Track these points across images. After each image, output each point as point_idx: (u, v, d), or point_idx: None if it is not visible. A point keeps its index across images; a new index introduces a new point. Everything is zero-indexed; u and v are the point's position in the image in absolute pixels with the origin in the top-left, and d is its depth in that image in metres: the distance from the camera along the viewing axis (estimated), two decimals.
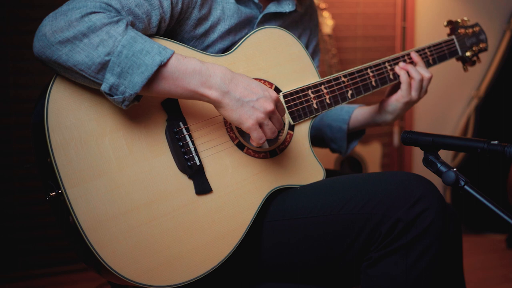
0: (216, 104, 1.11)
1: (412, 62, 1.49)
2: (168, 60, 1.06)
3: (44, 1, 2.40)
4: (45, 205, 1.12)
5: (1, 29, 2.40)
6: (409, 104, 1.47)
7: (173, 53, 1.07)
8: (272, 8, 1.36)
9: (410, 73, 1.45)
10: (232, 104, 1.10)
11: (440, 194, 1.18)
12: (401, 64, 1.46)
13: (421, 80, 1.45)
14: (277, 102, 1.15)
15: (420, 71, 1.45)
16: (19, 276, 2.48)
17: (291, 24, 1.45)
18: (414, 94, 1.45)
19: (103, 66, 1.03)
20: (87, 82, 1.06)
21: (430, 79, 1.46)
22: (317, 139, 1.65)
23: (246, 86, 1.12)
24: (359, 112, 1.57)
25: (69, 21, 1.02)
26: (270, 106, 1.13)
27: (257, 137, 1.14)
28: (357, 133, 1.62)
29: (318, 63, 1.63)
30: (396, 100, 1.47)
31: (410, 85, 1.45)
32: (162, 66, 1.05)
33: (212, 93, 1.09)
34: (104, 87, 1.04)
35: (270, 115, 1.14)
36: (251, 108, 1.11)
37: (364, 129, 1.61)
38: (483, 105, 3.20)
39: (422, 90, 1.46)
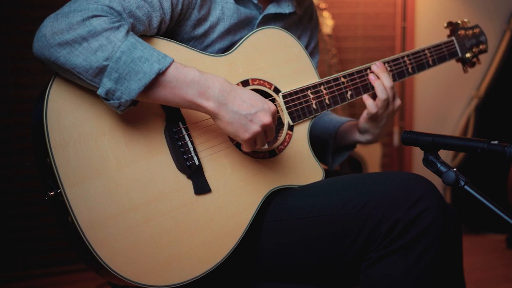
0: (213, 116, 1.11)
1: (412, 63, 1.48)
2: (166, 68, 1.06)
3: (44, 1, 2.40)
4: (45, 205, 1.12)
5: (1, 29, 2.40)
6: (377, 121, 1.41)
7: (172, 61, 1.07)
8: (272, 9, 1.36)
9: (376, 90, 1.38)
10: (228, 117, 1.10)
11: (440, 194, 1.18)
12: (371, 77, 1.39)
13: (387, 99, 1.38)
14: (274, 114, 1.15)
15: (385, 84, 1.38)
16: (19, 276, 2.48)
17: (291, 25, 1.45)
18: (379, 111, 1.38)
19: (101, 71, 1.03)
20: (85, 84, 1.06)
21: (392, 87, 1.39)
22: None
23: (245, 98, 1.11)
24: (345, 129, 1.51)
25: (70, 24, 1.02)
26: (267, 119, 1.12)
27: (248, 148, 1.16)
28: (345, 147, 1.56)
29: (317, 65, 1.63)
30: (364, 119, 1.42)
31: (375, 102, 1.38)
32: (160, 74, 1.05)
33: (209, 105, 1.09)
34: (101, 91, 1.04)
35: (266, 128, 1.14)
36: (248, 121, 1.11)
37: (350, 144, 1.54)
38: (483, 105, 3.20)
39: (389, 107, 1.39)
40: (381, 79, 1.39)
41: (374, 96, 1.42)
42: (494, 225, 3.07)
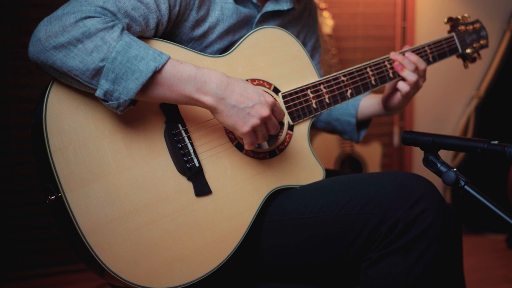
0: (212, 110, 1.11)
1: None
2: (163, 66, 1.05)
3: (44, 1, 2.40)
4: (45, 205, 1.12)
5: (1, 29, 2.40)
6: (407, 97, 1.50)
7: (168, 58, 1.07)
8: (270, 6, 1.36)
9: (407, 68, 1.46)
10: (227, 110, 1.10)
11: (440, 194, 1.18)
12: (399, 63, 1.46)
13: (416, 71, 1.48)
14: (273, 107, 1.15)
15: (419, 65, 1.47)
16: (19, 276, 2.48)
17: (290, 21, 1.45)
18: (420, 83, 1.49)
19: (98, 72, 1.02)
20: (82, 87, 1.06)
21: (424, 68, 1.49)
22: (328, 130, 1.69)
23: (242, 92, 1.11)
24: (364, 105, 1.58)
25: (64, 26, 1.02)
26: (265, 112, 1.13)
27: (249, 142, 1.15)
28: (366, 120, 1.63)
29: (319, 59, 1.63)
30: (400, 100, 1.49)
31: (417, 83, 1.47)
32: (157, 72, 1.05)
33: (208, 99, 1.09)
34: (99, 93, 1.04)
35: (265, 120, 1.14)
36: (246, 114, 1.11)
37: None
38: (483, 105, 3.20)
39: (421, 79, 1.49)
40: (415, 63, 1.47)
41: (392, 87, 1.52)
42: (494, 225, 3.07)
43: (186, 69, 1.08)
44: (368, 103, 1.58)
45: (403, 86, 1.45)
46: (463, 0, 3.19)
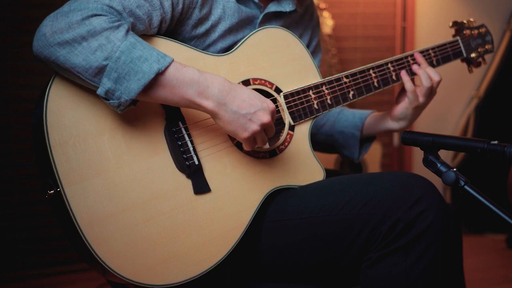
0: (212, 115, 1.11)
1: (416, 63, 1.47)
2: (166, 68, 1.06)
3: (44, 1, 2.40)
4: (45, 205, 1.12)
5: (1, 29, 2.40)
6: (420, 108, 1.46)
7: (172, 61, 1.07)
8: (272, 7, 1.36)
9: (421, 79, 1.42)
10: (228, 116, 1.10)
11: (440, 194, 1.18)
12: (414, 67, 1.44)
13: (431, 87, 1.42)
14: (273, 113, 1.15)
15: (431, 75, 1.43)
16: (19, 276, 2.48)
17: (292, 24, 1.45)
18: (422, 99, 1.43)
19: (100, 71, 1.03)
20: (85, 84, 1.07)
21: (439, 82, 1.43)
22: (328, 145, 1.62)
23: (244, 98, 1.12)
24: (372, 119, 1.54)
25: (70, 23, 1.02)
26: (266, 118, 1.13)
27: (248, 146, 1.16)
28: (368, 138, 1.58)
29: (320, 63, 1.63)
30: (405, 108, 1.45)
31: (415, 92, 1.42)
32: (159, 74, 1.05)
33: (209, 104, 1.09)
34: (100, 91, 1.04)
35: (265, 127, 1.14)
36: (247, 120, 1.11)
37: (375, 135, 1.57)
38: (483, 105, 3.19)
39: (432, 94, 1.44)
40: (424, 68, 1.43)
41: (400, 95, 1.48)
42: (494, 225, 3.07)
43: (189, 73, 1.08)
44: (376, 116, 1.53)
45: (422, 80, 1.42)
46: (463, 0, 3.19)
